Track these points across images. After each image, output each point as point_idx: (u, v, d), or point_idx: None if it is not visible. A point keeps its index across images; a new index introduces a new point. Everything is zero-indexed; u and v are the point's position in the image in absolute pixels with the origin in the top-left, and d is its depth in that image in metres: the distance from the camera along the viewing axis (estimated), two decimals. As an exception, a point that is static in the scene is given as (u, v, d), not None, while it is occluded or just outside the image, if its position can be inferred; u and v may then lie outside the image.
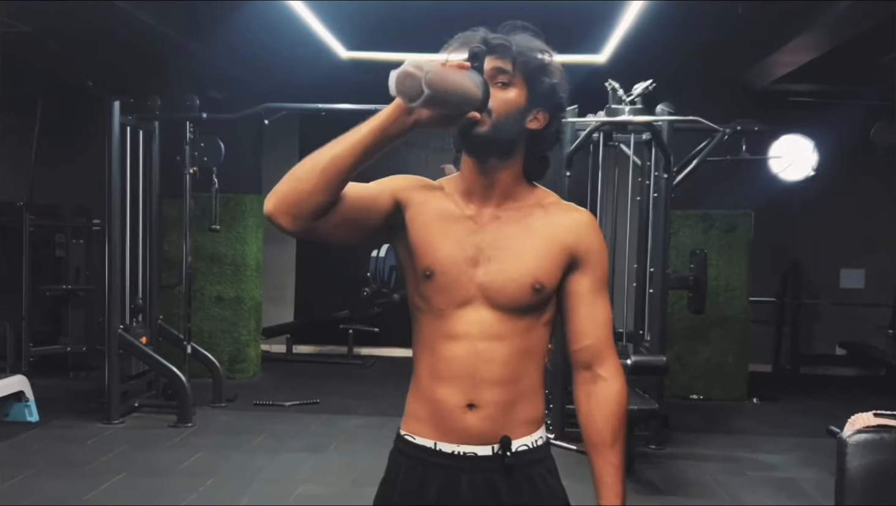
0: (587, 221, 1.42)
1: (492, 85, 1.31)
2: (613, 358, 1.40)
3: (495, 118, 1.31)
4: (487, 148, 1.35)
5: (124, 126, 4.95)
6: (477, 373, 1.35)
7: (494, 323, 1.35)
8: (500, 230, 1.38)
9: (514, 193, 1.39)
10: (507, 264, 1.35)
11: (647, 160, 4.79)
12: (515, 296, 1.34)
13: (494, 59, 1.33)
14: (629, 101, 4.34)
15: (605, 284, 1.42)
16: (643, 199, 4.89)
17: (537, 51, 1.35)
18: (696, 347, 6.06)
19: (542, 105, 1.36)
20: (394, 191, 1.41)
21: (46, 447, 4.38)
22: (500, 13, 1.43)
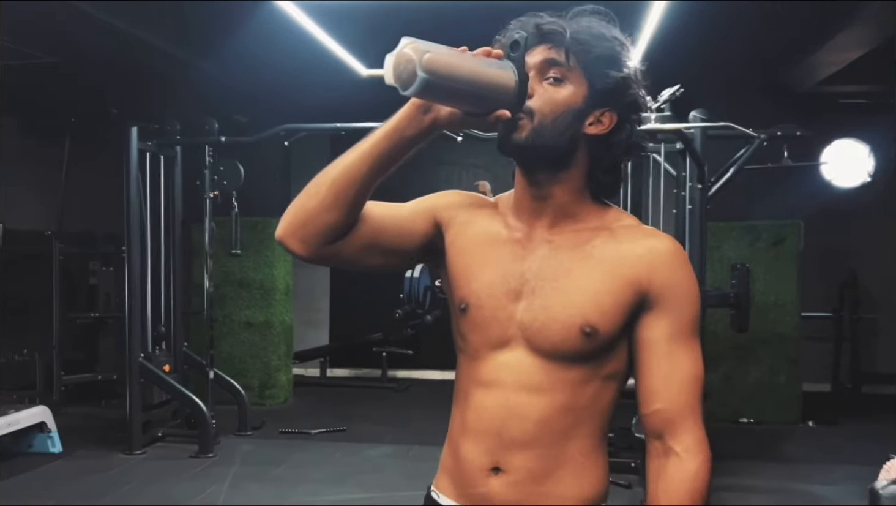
0: (667, 251, 1.12)
1: (542, 81, 1.09)
2: (694, 428, 1.09)
3: (538, 122, 1.08)
4: (529, 158, 1.12)
5: (143, 152, 4.91)
6: (506, 430, 1.12)
7: (534, 371, 1.11)
8: (551, 257, 1.13)
9: (573, 213, 1.14)
10: (553, 300, 1.10)
11: (682, 170, 4.52)
12: (559, 340, 1.09)
13: (546, 48, 1.10)
14: (656, 109, 4.08)
15: (693, 331, 1.11)
16: (679, 211, 4.61)
17: (603, 38, 1.10)
18: (744, 367, 5.70)
19: (608, 104, 1.10)
20: (434, 209, 1.22)
21: (66, 479, 4.31)
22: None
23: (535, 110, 1.08)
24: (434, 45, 0.97)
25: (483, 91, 1.02)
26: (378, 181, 1.11)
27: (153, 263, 5.16)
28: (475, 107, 1.04)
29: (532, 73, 1.09)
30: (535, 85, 1.09)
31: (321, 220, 1.10)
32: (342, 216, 1.10)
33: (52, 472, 4.43)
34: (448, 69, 0.96)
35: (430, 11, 4.18)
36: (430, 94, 0.99)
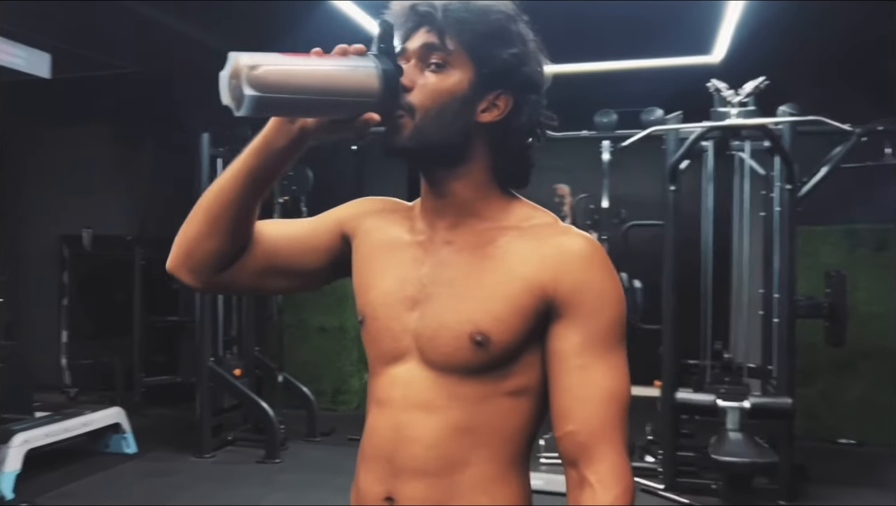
0: (578, 249, 0.97)
1: (424, 70, 0.96)
2: (610, 455, 0.93)
3: (419, 118, 0.95)
4: (418, 159, 1.00)
5: (215, 158, 4.95)
6: (396, 456, 0.99)
7: (426, 387, 0.98)
8: (450, 260, 1.01)
9: (477, 210, 1.01)
10: (446, 306, 0.98)
11: (771, 170, 4.19)
12: (450, 350, 0.96)
13: (424, 32, 0.97)
14: (738, 103, 3.78)
15: (612, 341, 0.96)
16: (767, 214, 4.28)
17: (485, 12, 0.96)
18: (844, 384, 5.24)
19: (500, 86, 0.97)
20: (340, 221, 1.12)
21: (135, 481, 4.37)
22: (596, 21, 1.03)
23: (415, 106, 0.95)
24: (267, 55, 0.88)
25: (338, 96, 0.91)
26: (257, 200, 1.01)
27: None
28: (337, 113, 0.94)
29: (413, 62, 0.97)
30: (416, 76, 0.97)
31: (203, 248, 1.02)
32: (224, 242, 1.02)
33: (123, 472, 4.51)
34: (283, 81, 0.87)
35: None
36: (270, 111, 0.90)
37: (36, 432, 4.18)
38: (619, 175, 5.25)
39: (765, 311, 4.29)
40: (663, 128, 4.04)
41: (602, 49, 4.91)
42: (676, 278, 4.10)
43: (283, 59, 0.88)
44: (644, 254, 5.35)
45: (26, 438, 4.06)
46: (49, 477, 4.26)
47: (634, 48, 4.78)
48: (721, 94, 3.79)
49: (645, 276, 6.29)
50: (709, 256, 4.30)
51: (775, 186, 4.08)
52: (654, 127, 4.07)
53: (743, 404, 3.60)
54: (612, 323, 0.96)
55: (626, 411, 0.95)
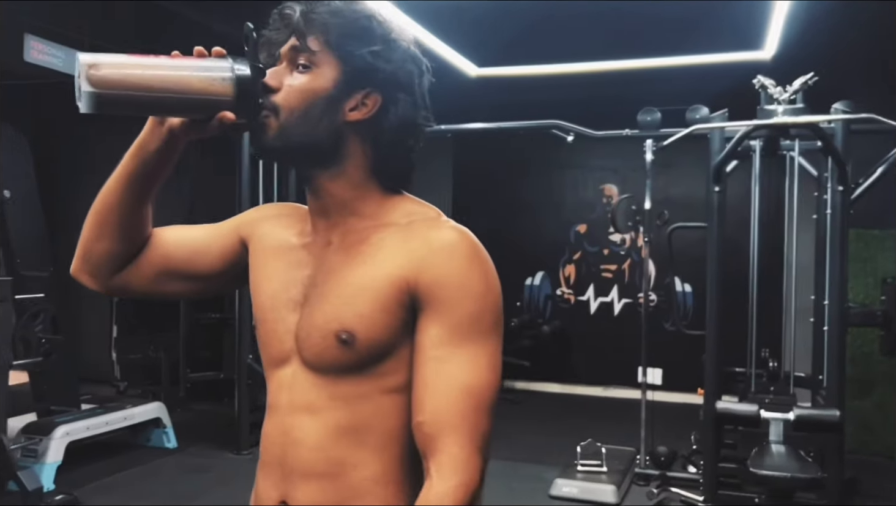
0: (443, 241, 0.96)
1: (293, 71, 0.99)
2: (453, 447, 0.91)
3: (284, 118, 0.97)
4: (285, 159, 1.06)
5: (256, 157, 4.98)
6: (286, 459, 1.02)
7: (306, 389, 1.00)
8: (329, 261, 1.03)
9: (357, 209, 1.03)
10: (317, 306, 1.00)
11: (824, 171, 4.01)
12: (319, 349, 0.98)
13: (288, 36, 1.00)
14: (787, 101, 3.61)
15: (474, 333, 0.94)
16: (819, 216, 4.09)
17: (344, 12, 0.99)
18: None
19: (366, 85, 0.99)
20: (237, 227, 1.14)
21: (173, 476, 4.43)
22: (642, 18, 1.00)
23: (279, 105, 0.97)
24: (114, 56, 0.92)
25: (185, 94, 0.93)
26: (143, 202, 1.06)
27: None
28: (190, 113, 0.96)
29: (283, 64, 1.00)
30: (285, 77, 0.99)
31: (96, 251, 1.07)
32: (115, 244, 1.06)
33: (162, 467, 4.58)
34: (122, 80, 0.90)
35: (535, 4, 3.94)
36: (113, 108, 0.92)
37: (77, 424, 4.27)
38: (665, 176, 5.12)
39: (815, 318, 4.11)
40: (706, 126, 3.89)
41: (648, 46, 4.78)
42: (721, 283, 3.94)
43: (129, 59, 0.92)
44: (692, 257, 5.19)
45: (68, 430, 4.15)
46: (89, 469, 4.35)
47: (681, 45, 4.64)
48: (768, 91, 3.63)
49: (693, 280, 6.14)
50: (757, 261, 4.13)
51: (827, 188, 3.90)
52: (698, 126, 3.92)
53: (787, 415, 3.44)
54: (473, 315, 0.94)
55: (483, 404, 0.93)
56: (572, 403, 6.57)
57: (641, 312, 4.69)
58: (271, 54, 1.01)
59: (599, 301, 6.88)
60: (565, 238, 6.95)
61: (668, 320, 5.52)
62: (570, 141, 4.45)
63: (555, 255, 6.96)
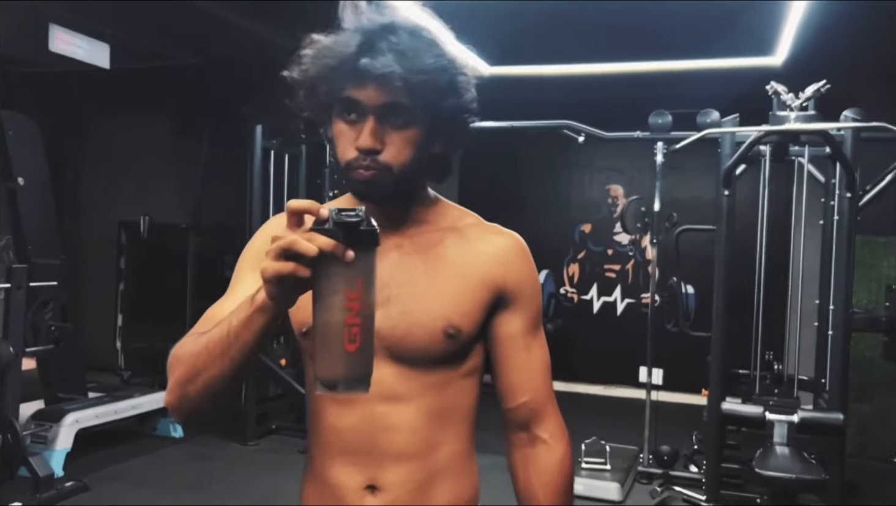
0: (515, 248, 1.16)
1: (384, 125, 1.04)
2: (555, 415, 1.17)
3: (398, 172, 1.05)
4: (388, 202, 1.10)
5: (268, 150, 5.02)
6: (376, 446, 1.08)
7: (397, 381, 1.08)
8: (404, 262, 1.11)
9: (420, 216, 1.15)
10: (413, 305, 1.08)
11: (832, 177, 4.04)
12: (423, 345, 1.08)
13: (378, 89, 1.02)
14: (798, 108, 3.65)
15: (540, 321, 1.18)
16: (826, 222, 4.14)
17: (440, 68, 1.04)
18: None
19: (447, 130, 1.10)
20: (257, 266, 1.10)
21: (179, 465, 4.46)
22: (654, 21, 1.05)
23: (392, 165, 1.05)
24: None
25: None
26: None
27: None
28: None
29: (371, 118, 1.03)
30: (378, 131, 1.03)
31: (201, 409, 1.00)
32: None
33: (168, 455, 4.61)
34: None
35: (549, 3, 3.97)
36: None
37: (87, 412, 4.31)
38: (673, 178, 5.14)
39: (820, 322, 4.15)
40: (718, 130, 3.93)
41: (659, 49, 4.81)
42: (728, 285, 3.99)
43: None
44: (697, 259, 5.23)
45: (77, 417, 4.19)
46: (98, 457, 4.39)
47: (693, 48, 4.67)
48: (780, 97, 3.66)
49: (697, 282, 6.18)
50: (763, 264, 4.17)
51: (835, 194, 3.94)
52: (709, 130, 3.96)
53: (791, 417, 3.48)
54: (540, 307, 1.17)
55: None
56: (574, 401, 6.61)
57: (647, 312, 4.73)
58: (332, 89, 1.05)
59: (602, 301, 6.92)
60: (570, 237, 6.99)
61: (670, 321, 5.55)
62: (581, 142, 4.48)
63: (559, 254, 6.99)
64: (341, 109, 1.05)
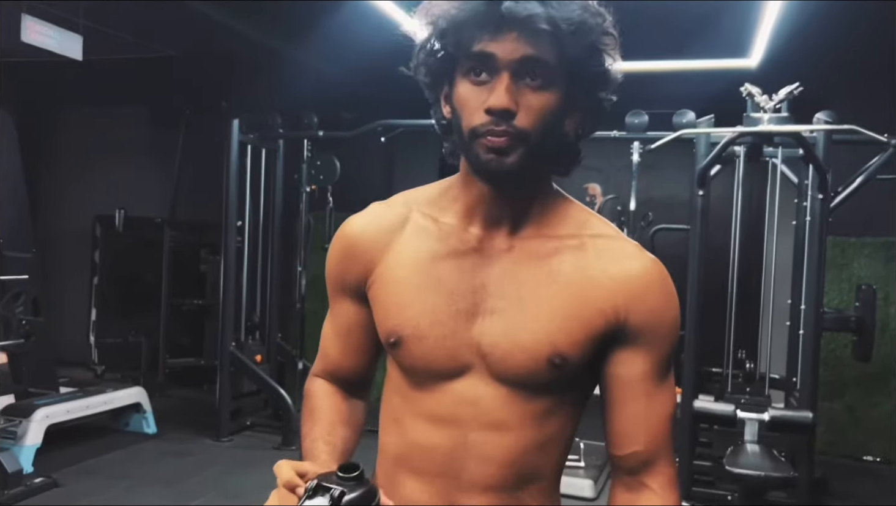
0: (648, 277, 0.96)
1: (518, 84, 0.89)
2: (669, 469, 0.98)
3: (533, 142, 0.89)
4: (518, 179, 0.94)
5: (245, 144, 4.99)
6: (464, 473, 0.97)
7: (497, 405, 0.96)
8: (513, 271, 0.96)
9: (539, 215, 0.98)
10: (517, 323, 0.95)
11: (805, 178, 4.09)
12: (525, 370, 0.95)
13: (517, 40, 0.87)
14: (772, 109, 3.69)
15: (670, 365, 0.99)
16: (799, 223, 4.18)
17: (592, 24, 0.89)
18: (873, 399, 5.12)
19: (585, 104, 0.95)
20: (346, 284, 1.07)
21: (152, 461, 4.43)
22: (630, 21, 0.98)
23: (528, 131, 0.89)
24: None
25: None
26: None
27: (252, 254, 5.24)
28: None
29: (506, 74, 0.88)
30: (516, 93, 0.89)
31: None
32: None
33: (140, 451, 4.58)
34: None
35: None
36: None
37: (58, 407, 4.26)
38: (649, 177, 5.17)
39: (791, 322, 4.19)
40: (693, 131, 3.96)
41: (635, 49, 4.80)
42: (701, 284, 4.02)
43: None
44: (671, 258, 5.25)
45: (47, 413, 4.14)
46: (68, 452, 4.34)
47: (669, 49, 4.69)
48: (754, 98, 3.70)
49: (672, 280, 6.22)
50: (737, 263, 4.22)
51: (807, 195, 3.99)
52: (685, 130, 3.99)
53: (762, 415, 3.52)
54: (672, 349, 0.98)
55: (673, 424, 1.01)
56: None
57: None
58: (464, 44, 0.89)
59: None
60: (547, 235, 7.00)
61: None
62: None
63: (536, 251, 7.00)
64: (468, 68, 0.90)
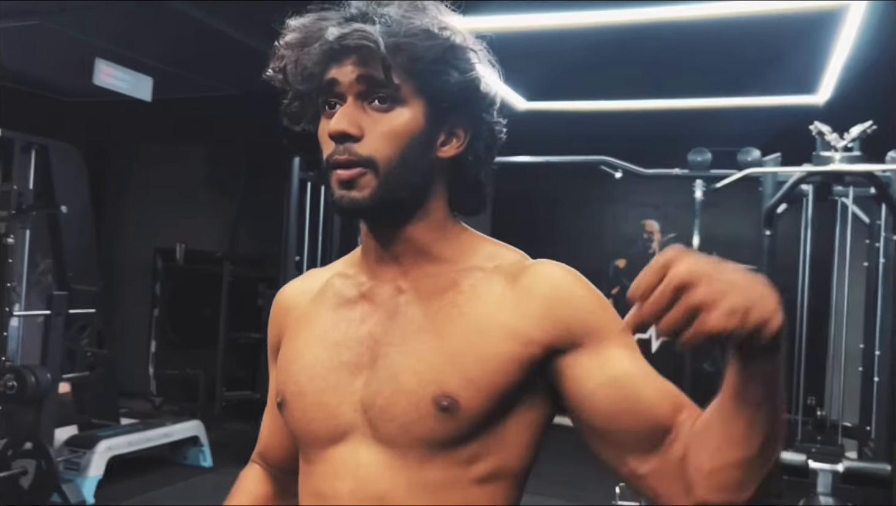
0: (555, 280, 0.84)
1: (364, 106, 0.82)
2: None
3: (384, 171, 0.81)
4: (379, 215, 0.86)
5: (304, 181, 5.06)
6: None
7: (378, 474, 0.81)
8: (403, 312, 0.85)
9: (435, 253, 0.87)
10: (402, 365, 0.81)
11: (878, 218, 3.96)
12: (407, 420, 0.79)
13: (355, 62, 0.81)
14: (842, 148, 3.59)
15: (629, 336, 0.82)
16: (872, 264, 4.04)
17: (430, 33, 0.82)
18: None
19: (456, 115, 0.85)
20: (275, 352, 1.00)
21: (209, 494, 4.44)
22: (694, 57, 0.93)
23: (373, 158, 0.81)
24: None
25: None
26: None
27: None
28: None
29: (350, 100, 0.83)
30: (361, 118, 0.82)
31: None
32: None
33: (197, 485, 4.60)
34: None
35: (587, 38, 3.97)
36: None
37: (119, 439, 4.32)
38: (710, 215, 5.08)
39: (864, 367, 4.04)
40: (761, 170, 3.88)
41: (699, 85, 4.77)
42: (768, 327, 3.90)
43: None
44: (734, 298, 5.13)
45: (110, 445, 4.20)
46: (128, 484, 4.39)
47: (732, 86, 4.63)
48: (824, 137, 3.61)
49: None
50: (805, 305, 4.09)
51: (880, 236, 3.86)
52: (751, 169, 3.91)
53: (836, 466, 3.37)
54: (618, 322, 0.82)
55: None
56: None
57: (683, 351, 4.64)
58: (309, 77, 0.84)
59: (637, 338, 6.80)
60: (604, 272, 6.92)
61: (708, 361, 5.45)
62: (618, 177, 4.45)
63: (592, 289, 6.92)
64: (323, 103, 0.85)
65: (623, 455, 0.80)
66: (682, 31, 3.77)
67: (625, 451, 0.80)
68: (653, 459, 0.79)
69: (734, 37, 3.89)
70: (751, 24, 3.65)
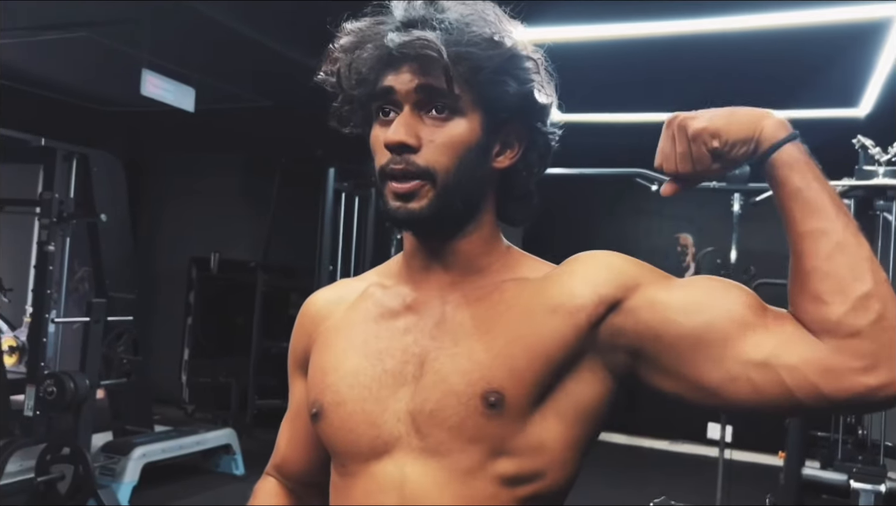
0: (592, 259, 0.84)
1: (421, 116, 0.81)
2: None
3: (441, 181, 0.80)
4: (434, 227, 0.84)
5: (339, 191, 5.09)
6: None
7: (426, 489, 0.78)
8: (450, 319, 0.83)
9: (481, 266, 0.87)
10: (452, 367, 0.80)
11: (921, 233, 3.89)
12: (457, 421, 0.77)
13: (413, 70, 0.79)
14: (886, 162, 3.53)
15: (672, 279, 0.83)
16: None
17: (492, 43, 0.80)
18: None
19: (513, 127, 0.85)
20: (301, 357, 0.96)
21: (241, 502, 4.44)
22: (729, 70, 0.93)
23: (434, 170, 0.80)
24: None
25: None
26: None
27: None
28: None
29: (406, 108, 0.81)
30: (418, 127, 0.80)
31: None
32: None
33: (229, 493, 4.62)
34: None
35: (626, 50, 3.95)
36: None
37: (154, 446, 4.35)
38: (747, 229, 5.01)
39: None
40: (801, 183, 3.82)
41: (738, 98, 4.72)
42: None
43: None
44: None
45: (145, 452, 4.23)
46: (161, 491, 4.42)
47: (773, 98, 4.57)
48: (868, 151, 3.55)
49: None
50: (845, 322, 4.00)
51: (925, 251, 3.78)
52: (791, 182, 3.85)
53: (879, 487, 3.29)
54: (660, 272, 0.84)
55: None
56: (638, 455, 6.42)
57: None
58: (363, 81, 0.83)
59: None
60: (637, 286, 6.86)
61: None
62: (654, 190, 4.41)
63: (625, 302, 6.85)
64: (378, 110, 0.83)
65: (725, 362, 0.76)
66: (722, 44, 3.75)
67: (727, 355, 0.76)
68: (764, 339, 0.77)
69: (775, 50, 3.86)
70: (792, 37, 3.62)
